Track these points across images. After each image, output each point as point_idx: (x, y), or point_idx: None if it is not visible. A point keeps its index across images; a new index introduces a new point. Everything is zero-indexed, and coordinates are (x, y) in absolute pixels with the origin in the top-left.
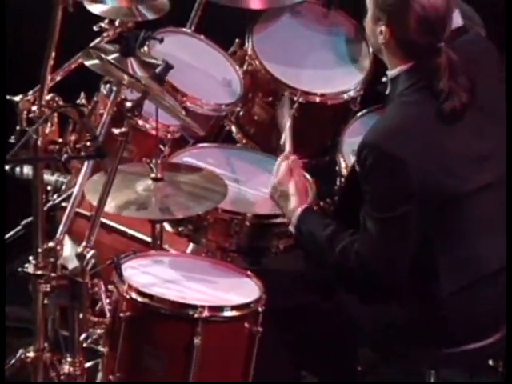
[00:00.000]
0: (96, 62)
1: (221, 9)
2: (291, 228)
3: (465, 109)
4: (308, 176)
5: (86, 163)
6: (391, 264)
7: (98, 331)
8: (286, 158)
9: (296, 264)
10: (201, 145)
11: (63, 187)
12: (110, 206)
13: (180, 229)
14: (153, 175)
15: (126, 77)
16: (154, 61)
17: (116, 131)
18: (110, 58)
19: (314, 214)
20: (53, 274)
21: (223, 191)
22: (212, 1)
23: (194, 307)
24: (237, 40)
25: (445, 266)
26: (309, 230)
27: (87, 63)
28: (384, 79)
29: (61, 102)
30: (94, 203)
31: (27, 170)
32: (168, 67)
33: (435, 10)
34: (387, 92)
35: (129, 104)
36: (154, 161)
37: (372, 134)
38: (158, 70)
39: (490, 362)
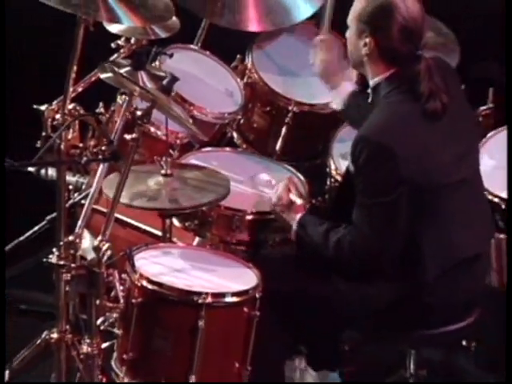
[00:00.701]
0: (112, 75)
1: (224, 28)
2: (292, 236)
3: (445, 109)
4: (302, 177)
5: (102, 165)
6: (383, 249)
7: (113, 315)
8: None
9: (290, 255)
10: (205, 149)
11: (83, 187)
12: (124, 198)
13: (187, 224)
14: (163, 172)
15: (136, 88)
16: (161, 74)
17: (127, 137)
18: (122, 71)
19: (310, 218)
20: (73, 265)
21: (226, 185)
22: (215, 22)
23: (199, 294)
24: (238, 56)
25: (428, 253)
26: (306, 232)
27: (102, 76)
28: (369, 91)
29: (81, 111)
30: (110, 200)
31: (51, 171)
32: (174, 79)
33: (414, 19)
34: (369, 100)
35: (140, 113)
36: (164, 159)
37: (364, 130)
38: (165, 82)
39: (464, 342)
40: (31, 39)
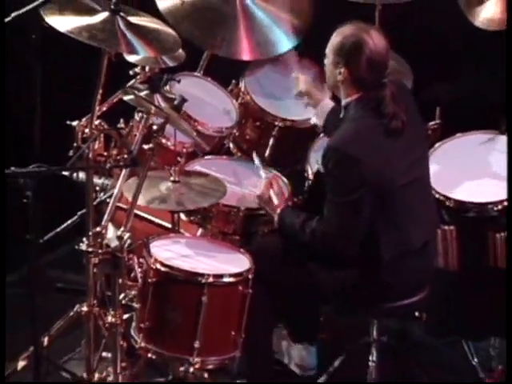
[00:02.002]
0: (131, 97)
1: (221, 59)
2: (276, 224)
3: (405, 126)
4: (285, 179)
5: (123, 170)
6: (348, 238)
7: (133, 292)
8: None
9: (276, 243)
10: (207, 157)
11: (107, 188)
12: (141, 201)
13: (192, 218)
14: (172, 179)
15: (153, 108)
16: (173, 96)
17: (145, 147)
18: (141, 94)
19: (289, 211)
20: (100, 251)
21: (223, 190)
22: (215, 53)
23: (202, 275)
24: (233, 81)
25: (384, 241)
26: (287, 223)
27: (125, 98)
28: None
29: (106, 126)
30: (130, 199)
31: (81, 175)
32: (183, 100)
33: (379, 53)
34: (341, 116)
35: (155, 127)
36: (173, 168)
37: (333, 140)
38: (176, 103)
39: (416, 314)
40: (66, 67)
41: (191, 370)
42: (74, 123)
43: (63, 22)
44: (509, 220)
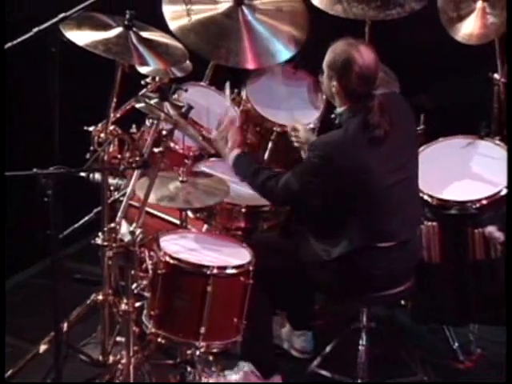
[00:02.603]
0: (143, 105)
1: (225, 70)
2: (230, 163)
3: (386, 136)
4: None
5: (136, 171)
6: (285, 202)
7: (144, 282)
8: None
9: (274, 238)
10: (212, 159)
11: (121, 187)
12: (152, 199)
13: (198, 215)
14: (180, 179)
15: (162, 114)
16: (180, 104)
17: (156, 150)
18: (152, 102)
19: (245, 157)
20: (114, 245)
21: (226, 189)
22: (220, 63)
23: (207, 267)
24: (235, 90)
25: (358, 232)
26: (241, 165)
27: (137, 106)
28: (333, 116)
29: (119, 131)
30: (141, 197)
31: (97, 176)
32: (190, 108)
33: (368, 68)
34: (336, 122)
35: (164, 132)
36: (181, 169)
37: (320, 138)
38: (183, 110)
39: (402, 302)
40: (83, 78)
41: (197, 353)
42: (91, 128)
43: (81, 37)
44: (509, 220)
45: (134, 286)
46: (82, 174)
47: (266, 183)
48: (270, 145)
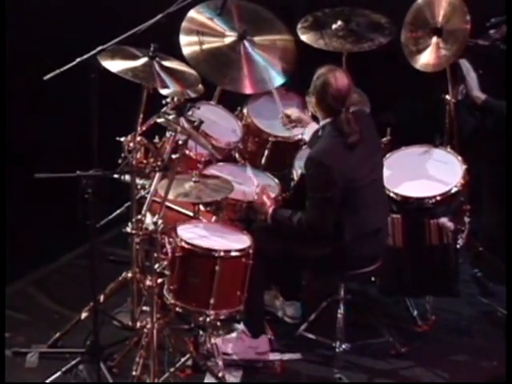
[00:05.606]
0: (163, 120)
1: (230, 92)
2: (269, 221)
3: (359, 142)
4: (277, 180)
5: (158, 174)
6: (324, 224)
7: (165, 263)
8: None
9: (269, 227)
10: (220, 163)
11: (146, 186)
12: (171, 195)
13: (208, 208)
14: (193, 179)
15: (179, 128)
16: (194, 119)
17: (174, 156)
18: (170, 118)
19: (279, 210)
20: (140, 233)
21: (231, 188)
22: (225, 88)
23: (216, 250)
24: (238, 108)
25: (347, 226)
26: (278, 218)
27: (159, 121)
28: (317, 126)
29: (145, 141)
30: (163, 194)
31: (127, 177)
32: (201, 122)
33: (340, 91)
34: (319, 134)
35: (180, 142)
36: (194, 172)
37: (311, 153)
38: (196, 124)
39: (372, 279)
40: (116, 98)
41: (208, 319)
42: (122, 139)
43: (114, 65)
44: (509, 220)
45: (157, 266)
46: (115, 175)
47: (300, 223)
48: (266, 152)
